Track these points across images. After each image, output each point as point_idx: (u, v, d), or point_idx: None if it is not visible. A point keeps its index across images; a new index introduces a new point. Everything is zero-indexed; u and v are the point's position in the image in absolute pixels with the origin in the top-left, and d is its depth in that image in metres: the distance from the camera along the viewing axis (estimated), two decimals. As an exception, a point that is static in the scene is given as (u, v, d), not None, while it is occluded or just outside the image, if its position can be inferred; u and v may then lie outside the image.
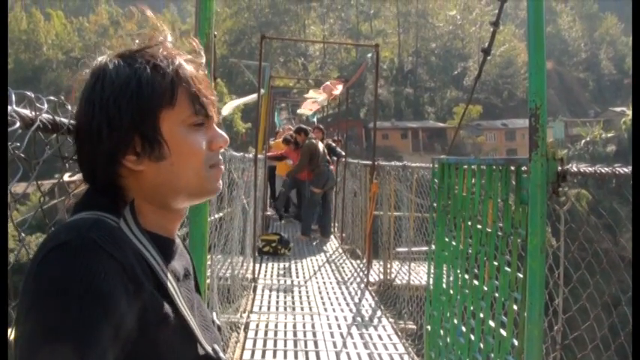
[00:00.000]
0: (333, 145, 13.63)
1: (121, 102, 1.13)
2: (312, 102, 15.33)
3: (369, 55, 11.91)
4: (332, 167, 12.34)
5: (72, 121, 1.45)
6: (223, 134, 1.26)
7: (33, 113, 1.30)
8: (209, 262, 5.02)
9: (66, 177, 1.64)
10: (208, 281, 4.91)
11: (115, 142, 1.13)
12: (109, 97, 1.14)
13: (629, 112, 69.75)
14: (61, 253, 0.99)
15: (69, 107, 1.47)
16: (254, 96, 8.68)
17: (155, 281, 1.11)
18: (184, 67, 1.21)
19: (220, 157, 1.27)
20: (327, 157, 11.92)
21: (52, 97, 1.40)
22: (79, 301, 0.94)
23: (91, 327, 0.94)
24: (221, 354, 1.27)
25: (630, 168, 2.50)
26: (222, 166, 1.27)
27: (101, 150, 1.14)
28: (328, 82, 14.01)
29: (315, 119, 21.22)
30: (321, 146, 11.81)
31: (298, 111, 20.43)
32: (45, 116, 1.33)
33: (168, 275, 1.16)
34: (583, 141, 72.68)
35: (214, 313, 1.43)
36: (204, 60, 1.29)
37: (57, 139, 1.43)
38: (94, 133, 1.14)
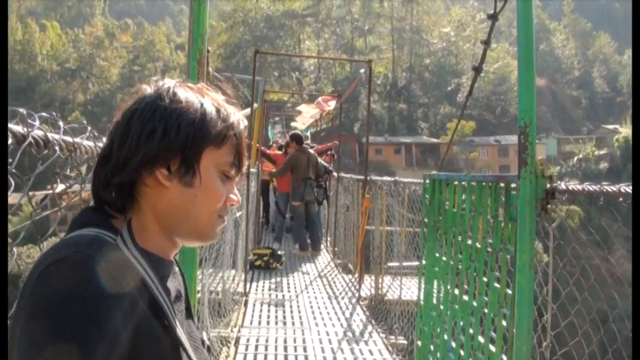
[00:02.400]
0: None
1: (182, 120, 1.20)
2: (305, 116, 15.37)
3: (362, 70, 11.90)
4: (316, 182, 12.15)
5: (65, 138, 1.47)
6: (238, 195, 1.33)
7: (25, 130, 1.32)
8: (200, 277, 5.02)
9: (57, 190, 1.66)
10: (199, 295, 4.91)
11: (160, 149, 1.18)
12: (174, 112, 1.20)
13: (622, 130, 70.19)
14: (59, 268, 1.00)
15: (60, 123, 1.49)
16: (247, 110, 8.68)
17: (149, 299, 1.12)
18: (240, 123, 1.30)
19: (228, 211, 1.33)
20: (310, 173, 11.74)
21: (43, 114, 1.42)
22: (75, 317, 0.96)
23: (86, 344, 0.95)
24: None
25: (619, 186, 2.53)
26: (227, 219, 1.33)
27: (144, 151, 1.18)
28: (320, 99, 14.02)
29: (308, 133, 21.26)
30: (307, 159, 11.65)
31: (292, 124, 20.51)
32: (37, 132, 1.35)
33: (162, 293, 1.17)
34: (576, 158, 72.99)
35: (204, 333, 1.44)
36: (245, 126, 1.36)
37: (49, 155, 1.45)
38: (145, 134, 1.18)
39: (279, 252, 10.94)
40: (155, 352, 1.10)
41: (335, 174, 13.09)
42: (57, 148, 1.45)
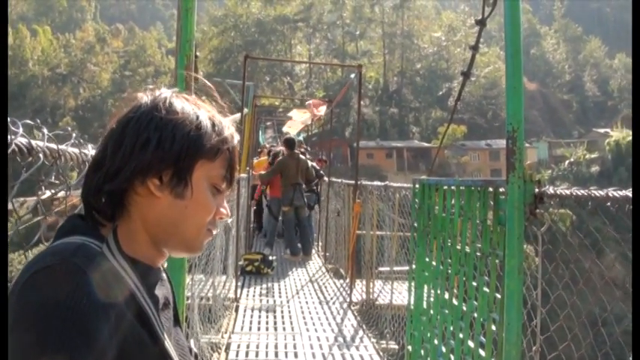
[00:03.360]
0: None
1: (177, 131, 1.21)
2: (296, 121, 15.38)
3: (353, 75, 11.89)
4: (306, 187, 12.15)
5: (49, 145, 1.47)
6: (228, 209, 1.33)
7: (8, 137, 1.31)
8: (190, 283, 5.00)
9: (44, 196, 1.65)
10: (189, 302, 4.90)
11: (153, 159, 1.18)
12: (169, 122, 1.21)
13: (613, 133, 70.41)
14: (44, 276, 1.00)
15: (45, 130, 1.48)
16: (237, 116, 8.67)
17: (135, 307, 1.11)
18: (234, 138, 1.30)
19: (217, 225, 1.33)
20: (300, 179, 11.74)
21: (28, 121, 1.41)
22: (61, 326, 0.95)
23: (72, 353, 0.94)
24: None
25: (607, 190, 2.53)
26: (215, 232, 1.32)
27: (137, 160, 1.18)
28: (310, 102, 14.02)
29: (300, 138, 21.25)
30: (296, 165, 11.63)
31: (283, 129, 20.50)
32: (20, 140, 1.34)
33: (149, 302, 1.16)
34: (567, 162, 73.13)
35: (191, 341, 1.44)
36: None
37: (34, 162, 1.44)
38: (139, 143, 1.19)
39: (270, 257, 10.92)
40: (141, 359, 1.10)
41: (326, 178, 13.09)
42: (41, 155, 1.44)
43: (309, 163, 12.28)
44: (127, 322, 1.07)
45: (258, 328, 7.33)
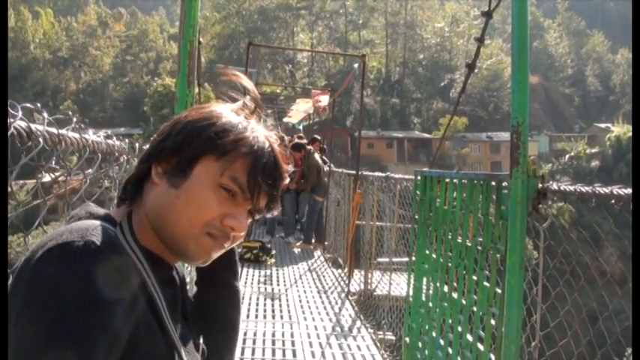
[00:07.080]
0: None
1: (190, 125, 1.24)
2: (298, 111, 15.37)
3: (356, 65, 11.90)
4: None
5: (49, 129, 1.46)
6: (242, 224, 1.23)
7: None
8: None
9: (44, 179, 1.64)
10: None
11: (162, 146, 1.24)
12: (190, 119, 1.25)
13: (614, 129, 70.50)
14: (61, 252, 0.99)
15: (45, 114, 1.46)
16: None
17: (145, 294, 1.11)
18: (260, 143, 1.24)
19: (227, 237, 1.23)
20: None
21: (27, 104, 1.39)
22: (76, 304, 0.94)
23: (87, 333, 0.93)
24: None
25: (611, 188, 2.51)
26: (224, 245, 1.24)
27: (150, 148, 1.27)
28: (313, 93, 14.03)
29: (301, 127, 21.24)
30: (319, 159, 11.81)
31: (284, 119, 20.49)
32: (19, 123, 1.32)
33: (158, 291, 1.15)
34: (567, 156, 73.33)
35: (201, 337, 1.42)
36: (282, 158, 1.30)
37: (34, 146, 1.42)
38: (159, 136, 1.27)
39: (268, 245, 10.91)
40: (149, 347, 1.09)
41: (326, 168, 13.11)
42: (41, 139, 1.42)
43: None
44: (140, 306, 1.07)
45: (256, 316, 7.32)
